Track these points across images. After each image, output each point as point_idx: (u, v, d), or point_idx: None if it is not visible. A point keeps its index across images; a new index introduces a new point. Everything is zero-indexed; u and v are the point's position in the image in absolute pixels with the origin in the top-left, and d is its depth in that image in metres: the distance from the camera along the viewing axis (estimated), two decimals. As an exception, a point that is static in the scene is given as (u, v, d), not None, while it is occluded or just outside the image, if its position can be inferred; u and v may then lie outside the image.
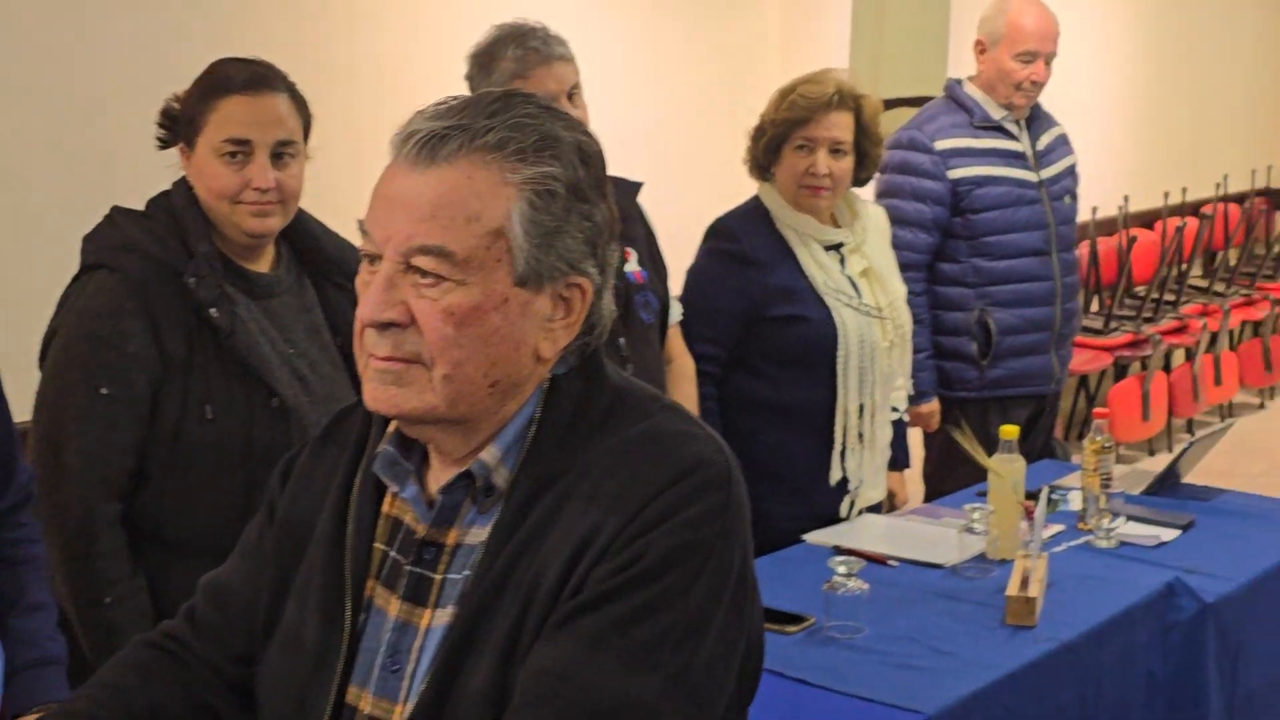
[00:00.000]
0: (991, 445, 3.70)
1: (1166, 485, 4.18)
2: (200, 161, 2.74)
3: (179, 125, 2.77)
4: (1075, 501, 3.96)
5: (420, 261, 1.59)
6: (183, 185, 2.79)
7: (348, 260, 2.88)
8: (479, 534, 1.65)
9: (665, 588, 1.56)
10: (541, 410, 1.66)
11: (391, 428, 1.72)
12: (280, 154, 2.74)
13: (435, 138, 1.59)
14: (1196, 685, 3.45)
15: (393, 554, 1.70)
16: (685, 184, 5.45)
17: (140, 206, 2.82)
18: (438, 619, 1.65)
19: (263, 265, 2.85)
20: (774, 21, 5.98)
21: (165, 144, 2.81)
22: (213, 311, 2.70)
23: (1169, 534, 3.81)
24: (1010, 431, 3.65)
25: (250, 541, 1.85)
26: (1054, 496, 3.99)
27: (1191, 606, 3.46)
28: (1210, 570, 3.58)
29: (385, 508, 1.73)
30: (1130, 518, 3.86)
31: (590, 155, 1.64)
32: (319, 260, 2.90)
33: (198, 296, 2.70)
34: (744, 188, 3.91)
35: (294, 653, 1.72)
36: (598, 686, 1.53)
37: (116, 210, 2.81)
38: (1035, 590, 3.26)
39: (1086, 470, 3.86)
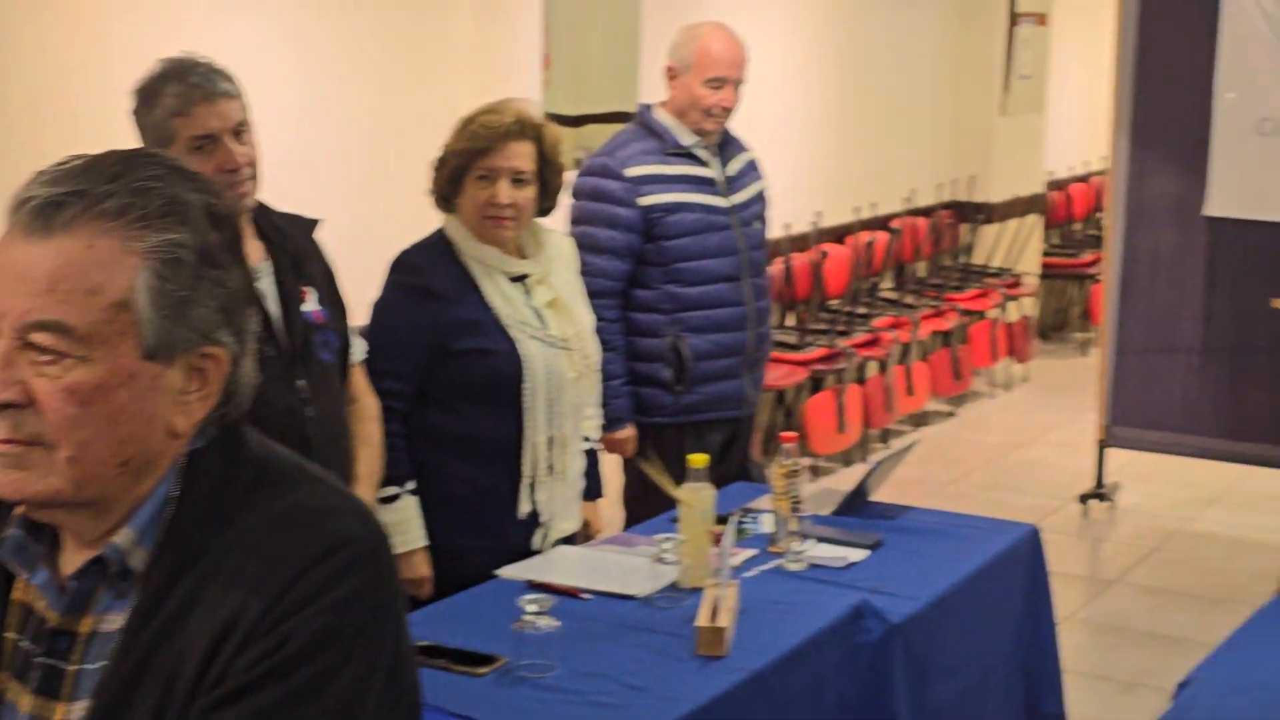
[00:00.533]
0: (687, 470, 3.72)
1: (855, 504, 4.24)
2: None
3: None
4: (767, 524, 3.99)
5: (38, 338, 1.48)
6: None
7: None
8: (115, 620, 1.55)
9: (311, 675, 1.49)
10: (179, 488, 1.57)
11: (19, 510, 1.61)
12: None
13: (51, 204, 1.49)
14: (886, 705, 3.51)
15: (24, 644, 1.59)
16: (369, 217, 5.35)
17: None
18: (73, 713, 1.55)
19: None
20: (465, 49, 5.92)
21: None
22: None
23: (857, 554, 3.87)
24: (699, 460, 3.66)
25: None
26: (745, 521, 4.02)
27: (879, 628, 3.51)
28: (897, 590, 3.64)
29: (17, 594, 1.62)
30: (820, 539, 3.91)
31: (222, 218, 1.56)
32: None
33: None
34: (432, 220, 3.85)
35: None
36: None
37: None
38: (725, 620, 3.26)
39: (776, 494, 3.89)
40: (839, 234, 8.45)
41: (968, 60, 9.48)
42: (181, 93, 3.11)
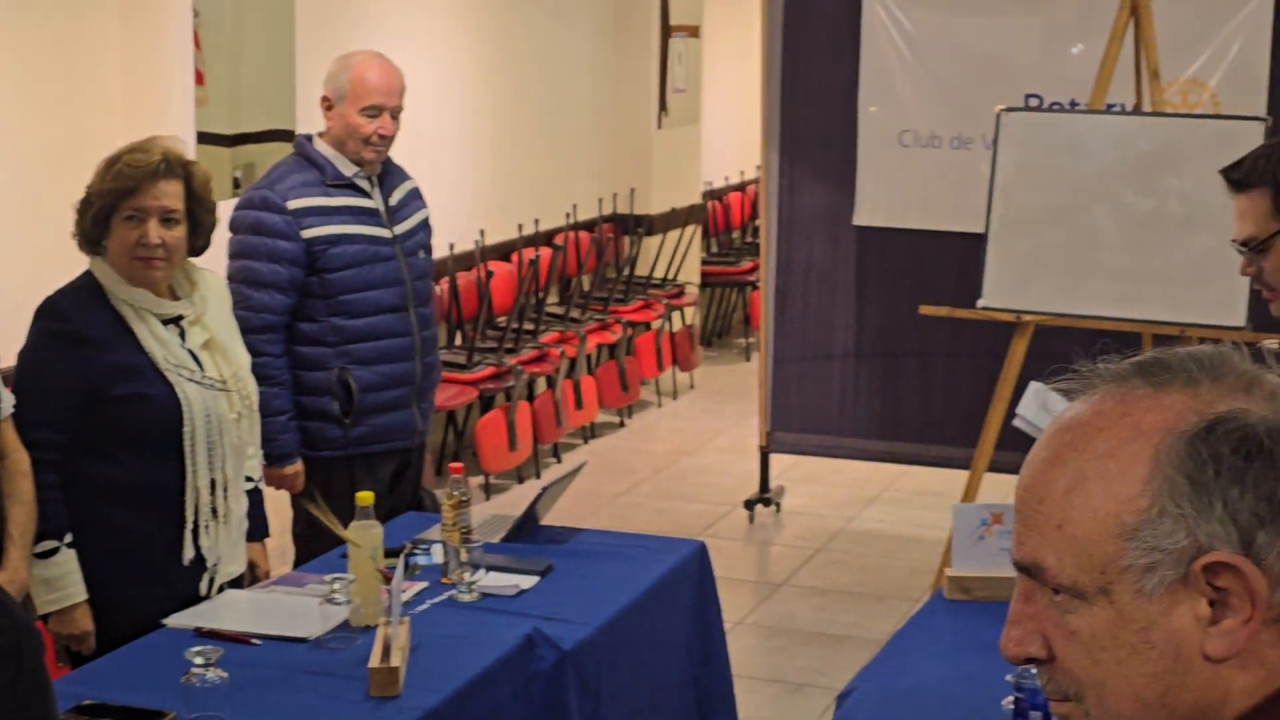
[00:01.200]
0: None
1: (525, 530, 4.27)
2: None
3: None
4: (438, 555, 3.99)
5: None
6: None
7: None
8: None
9: None
10: None
11: None
12: None
13: None
14: (561, 730, 3.54)
15: None
16: (14, 261, 5.18)
17: None
18: None
19: None
20: (113, 67, 5.78)
21: None
22: None
23: (528, 581, 3.90)
24: (366, 499, 3.65)
25: None
26: (416, 553, 4.01)
27: (551, 656, 3.55)
28: (568, 616, 3.69)
29: None
30: (490, 568, 3.93)
31: None
32: None
33: None
34: (79, 262, 3.74)
35: None
36: None
37: None
38: (397, 659, 3.26)
39: (446, 525, 3.90)
40: (503, 251, 8.49)
41: (623, 75, 9.62)
42: None
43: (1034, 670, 2.82)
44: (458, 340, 7.97)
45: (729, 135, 11.13)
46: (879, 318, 7.08)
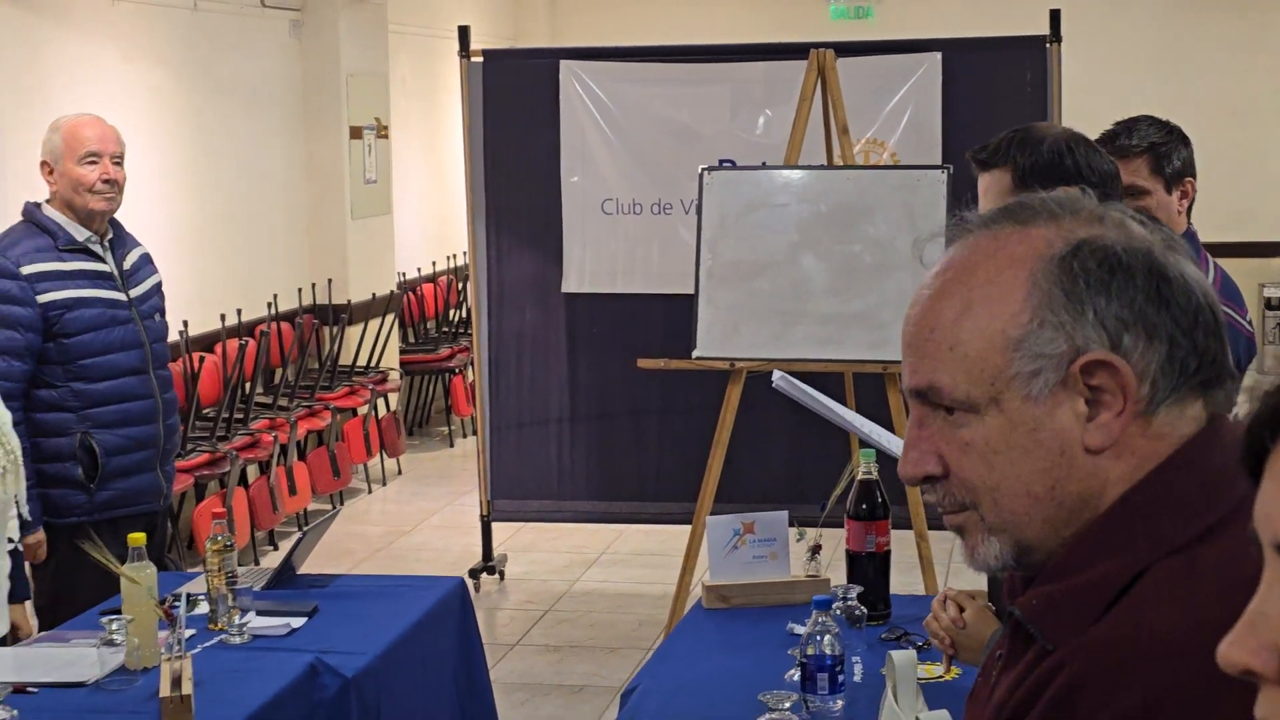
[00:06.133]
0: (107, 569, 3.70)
1: (285, 578, 4.31)
2: None
3: None
4: (202, 606, 4.00)
5: None
6: None
7: None
8: None
9: None
10: None
11: None
12: None
13: None
14: (347, 758, 3.59)
15: None
16: None
17: None
18: None
19: None
20: None
21: None
22: None
23: (298, 621, 3.95)
24: (138, 539, 3.66)
25: None
26: (177, 606, 4.00)
27: (335, 683, 3.61)
28: (345, 648, 3.75)
29: None
30: (259, 612, 3.96)
31: None
32: None
33: None
34: None
35: None
36: None
37: None
38: (188, 688, 3.28)
39: (211, 572, 3.92)
40: (208, 342, 8.45)
41: (315, 166, 9.71)
42: None
43: (811, 652, 3.00)
44: (168, 431, 7.88)
45: (419, 228, 11.27)
46: (591, 380, 7.29)
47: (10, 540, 3.88)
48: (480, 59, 7.28)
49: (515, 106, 7.27)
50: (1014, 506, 1.39)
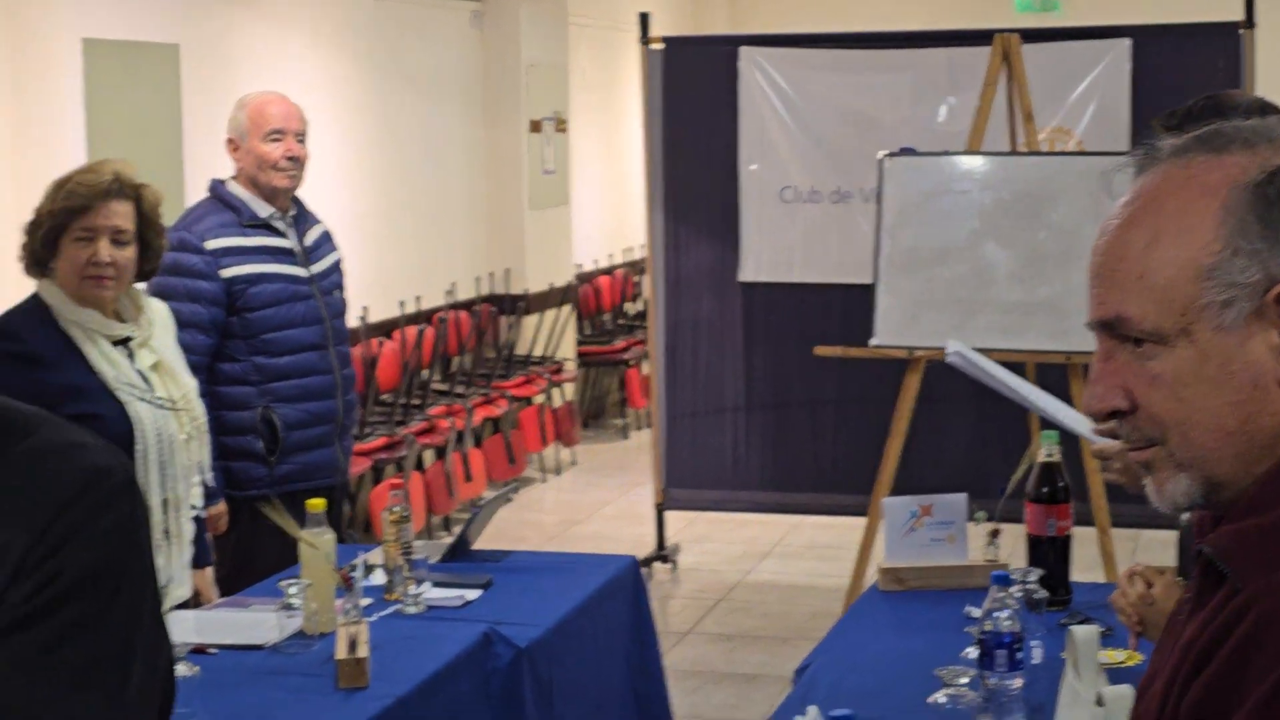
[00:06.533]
0: (287, 539, 3.75)
1: (459, 553, 4.33)
2: None
3: None
4: (378, 577, 4.03)
5: None
6: None
7: None
8: None
9: (94, 604, 1.49)
10: None
11: None
12: None
13: None
14: (519, 727, 3.60)
15: None
16: None
17: None
18: None
19: None
20: (2, 107, 5.83)
21: None
22: None
23: (472, 594, 3.96)
24: (317, 505, 3.69)
25: None
26: (354, 575, 4.04)
27: (508, 653, 3.62)
28: (518, 620, 3.75)
29: None
30: (434, 583, 3.98)
31: None
32: None
33: None
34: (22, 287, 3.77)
35: None
36: (49, 713, 1.44)
37: None
38: (364, 651, 3.30)
39: (388, 542, 3.95)
40: (387, 329, 8.55)
41: (495, 156, 9.78)
42: None
43: (989, 629, 2.93)
44: (348, 414, 7.99)
45: (596, 221, 11.32)
46: (767, 370, 7.24)
47: (194, 507, 3.94)
48: (660, 46, 7.27)
49: (694, 94, 7.25)
50: (1204, 442, 1.34)
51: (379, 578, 4.01)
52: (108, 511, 1.54)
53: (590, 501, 8.92)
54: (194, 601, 3.99)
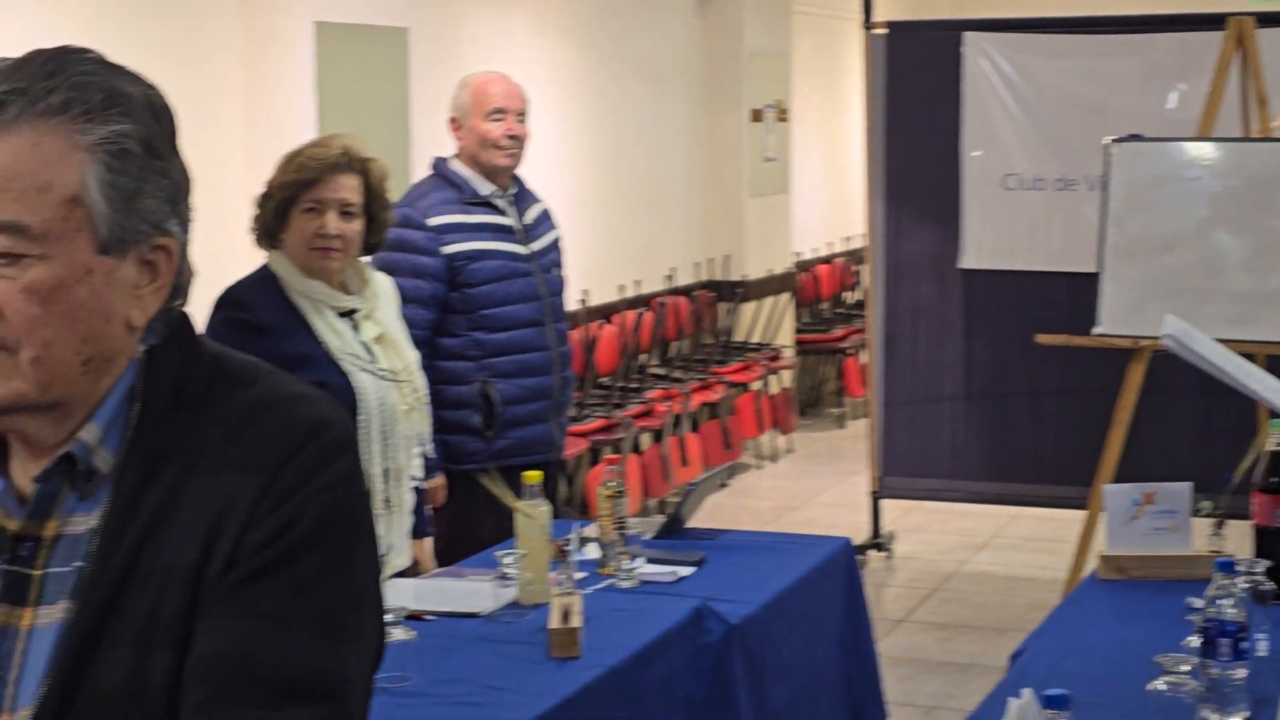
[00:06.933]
0: (503, 511, 3.79)
1: (673, 530, 4.34)
2: None
3: None
4: (592, 552, 4.06)
5: None
6: None
7: None
8: (83, 522, 1.56)
9: (328, 554, 1.52)
10: (143, 384, 1.59)
11: None
12: None
13: None
14: (729, 704, 3.60)
15: None
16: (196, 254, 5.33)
17: None
18: (43, 617, 1.55)
19: None
20: (236, 89, 5.99)
21: None
22: None
23: (686, 570, 3.97)
24: (534, 476, 3.73)
25: None
26: (568, 548, 4.08)
27: (719, 629, 3.62)
28: (730, 596, 3.75)
29: None
30: (648, 559, 4.00)
31: (159, 108, 1.57)
32: None
33: None
34: (220, 252, 3.86)
35: None
36: (289, 662, 1.48)
37: None
38: (577, 621, 3.33)
39: (602, 516, 3.97)
40: (606, 313, 8.62)
41: (715, 144, 9.79)
42: None
43: (1212, 615, 2.84)
44: (566, 396, 8.07)
45: (816, 209, 11.27)
46: (988, 358, 7.14)
47: (414, 478, 4.00)
48: (883, 31, 7.21)
49: (917, 79, 7.18)
50: None
51: (593, 552, 4.04)
52: (335, 460, 1.57)
53: (805, 489, 8.90)
54: (412, 571, 4.05)
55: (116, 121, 1.52)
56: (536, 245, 4.85)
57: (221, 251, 3.83)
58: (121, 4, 5.74)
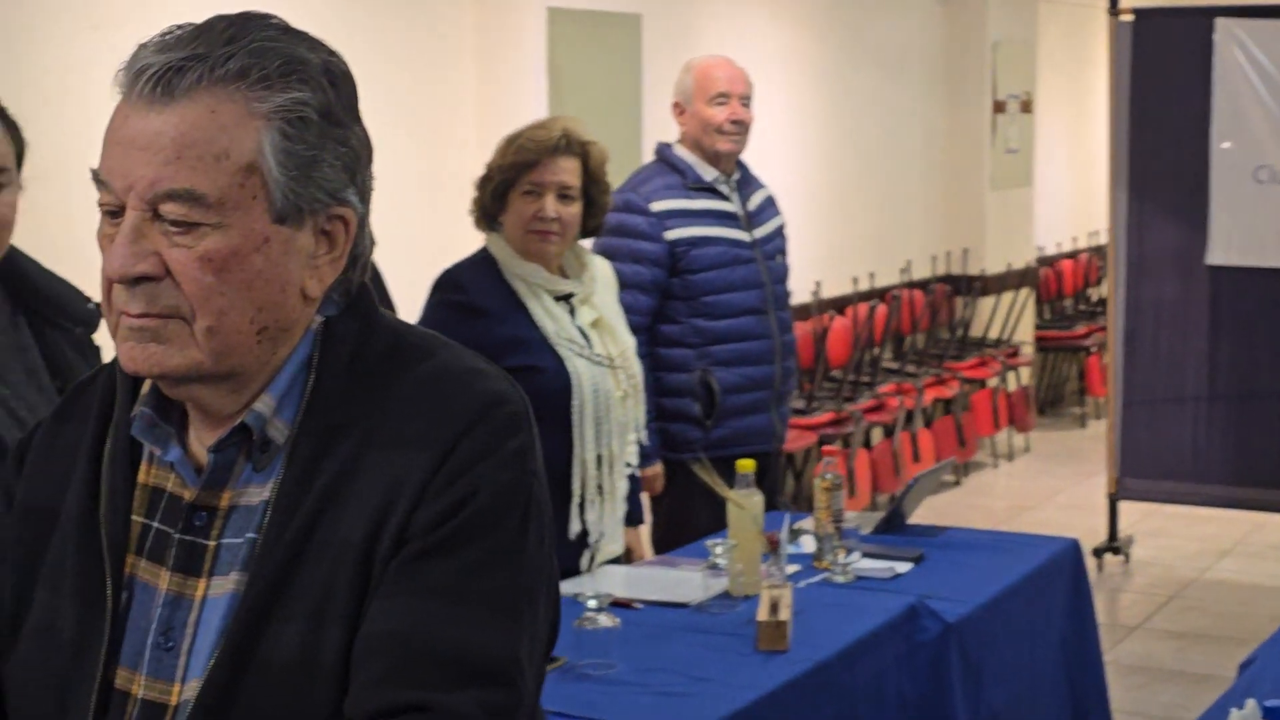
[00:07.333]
0: (721, 501, 3.72)
1: (893, 526, 4.24)
2: None
3: None
4: (808, 544, 3.98)
5: (169, 208, 1.46)
6: None
7: (66, 300, 2.73)
8: (257, 493, 1.54)
9: (502, 534, 1.49)
10: (319, 355, 1.56)
11: (145, 389, 1.59)
12: (-10, 182, 2.58)
13: (171, 71, 1.47)
14: (944, 705, 3.50)
15: (155, 525, 1.57)
16: (388, 233, 5.39)
17: None
18: (216, 588, 1.54)
19: (-30, 304, 2.68)
20: (469, 74, 6.04)
21: None
22: None
23: (903, 566, 3.87)
24: (747, 465, 3.66)
25: None
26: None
27: (936, 627, 3.51)
28: (948, 595, 3.64)
29: (140, 477, 1.59)
30: (865, 554, 3.90)
31: (339, 76, 1.54)
32: (35, 300, 2.72)
33: None
34: (449, 237, 3.87)
35: (48, 643, 1.57)
36: (462, 643, 1.46)
37: None
38: (786, 614, 3.26)
39: (819, 508, 3.89)
40: (839, 305, 8.51)
41: (955, 135, 9.60)
42: None
43: None
44: (796, 388, 7.98)
45: (1060, 203, 11.00)
46: (1233, 358, 6.87)
47: (628, 465, 3.96)
48: (1130, 18, 6.98)
49: (1164, 67, 6.93)
50: None
51: (809, 545, 3.96)
52: (511, 437, 1.53)
53: (1041, 489, 8.67)
54: (625, 558, 4.01)
55: (294, 89, 1.50)
56: (760, 232, 4.78)
57: (457, 236, 3.83)
58: (359, -9, 5.83)
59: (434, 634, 1.46)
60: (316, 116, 1.51)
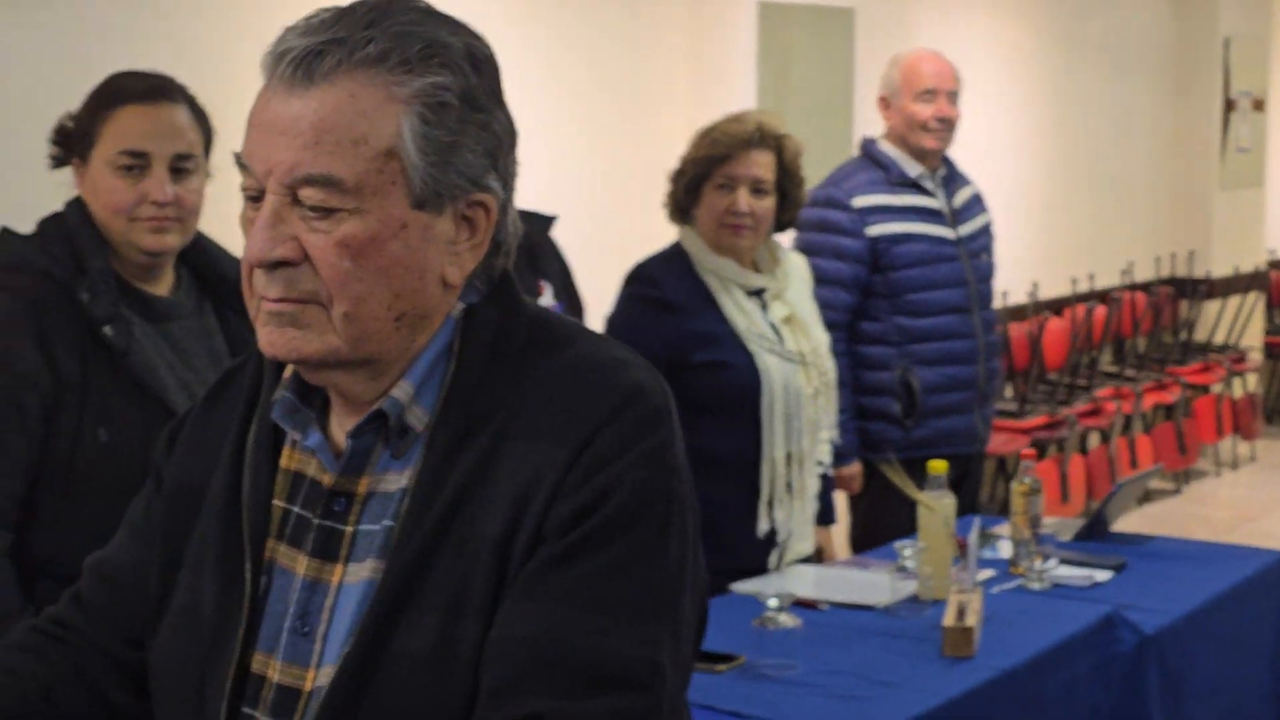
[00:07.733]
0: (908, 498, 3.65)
1: (1095, 533, 4.11)
2: (95, 176, 2.62)
3: (72, 141, 2.65)
4: (1004, 550, 3.88)
5: (307, 193, 1.45)
6: (77, 204, 2.66)
7: None
8: (395, 480, 1.53)
9: (642, 535, 1.45)
10: (459, 343, 1.54)
11: (287, 374, 1.58)
12: (179, 168, 2.62)
13: (311, 55, 1.46)
14: (1140, 718, 3.37)
15: (295, 509, 1.57)
16: (596, 225, 5.42)
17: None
18: (352, 574, 1.53)
19: (161, 288, 2.72)
20: (680, 67, 6.03)
21: (59, 163, 2.69)
22: (107, 330, 2.57)
23: (1102, 575, 3.75)
24: (939, 467, 3.57)
25: (137, 515, 1.71)
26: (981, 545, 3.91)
27: (1132, 638, 3.40)
28: (1147, 606, 3.52)
29: (283, 462, 1.59)
30: (1063, 561, 3.79)
31: (482, 60, 1.52)
32: (221, 285, 2.77)
33: (92, 314, 2.57)
34: (655, 232, 3.84)
35: (190, 624, 1.58)
36: (599, 649, 1.42)
37: (5, 231, 2.69)
38: (973, 620, 3.17)
39: (1016, 513, 3.78)
40: (1056, 306, 8.32)
41: (1183, 133, 9.33)
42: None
43: None
44: (1009, 390, 7.82)
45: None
46: None
47: (820, 463, 3.89)
48: (1367, 10, 6.69)
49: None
50: None
51: (1006, 550, 3.86)
52: (651, 432, 1.49)
53: (1267, 499, 8.38)
54: (817, 558, 3.95)
55: (435, 73, 1.48)
56: (965, 229, 4.67)
57: (664, 231, 3.80)
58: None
59: (571, 641, 1.43)
60: (457, 101, 1.49)
